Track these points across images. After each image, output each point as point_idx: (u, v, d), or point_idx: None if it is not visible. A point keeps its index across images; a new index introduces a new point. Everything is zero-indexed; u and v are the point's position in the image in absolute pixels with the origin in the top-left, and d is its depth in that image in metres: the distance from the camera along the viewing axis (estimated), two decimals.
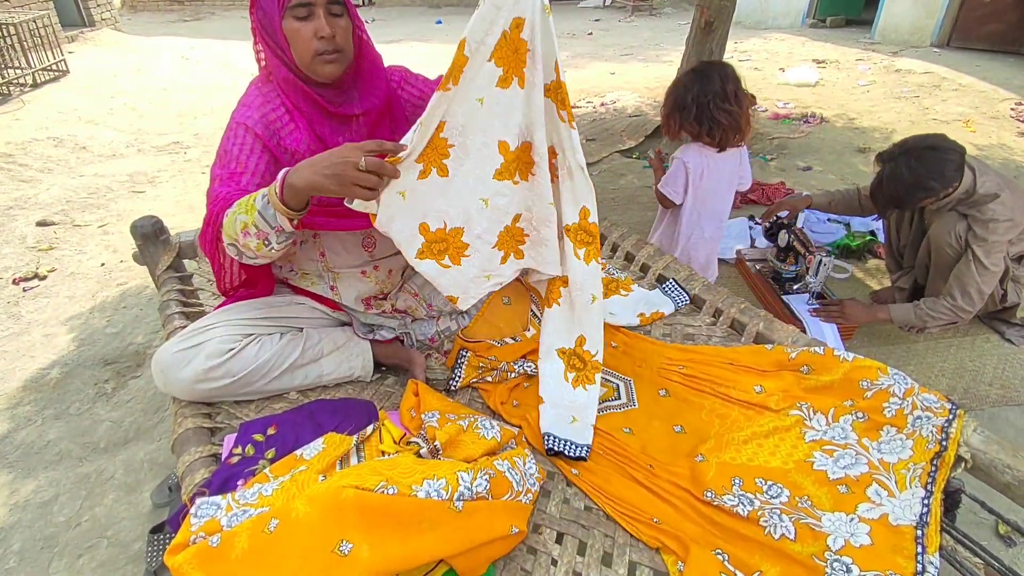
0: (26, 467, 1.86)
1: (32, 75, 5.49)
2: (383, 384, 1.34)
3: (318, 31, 1.09)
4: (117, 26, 8.08)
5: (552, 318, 1.32)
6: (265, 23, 1.12)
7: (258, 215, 0.97)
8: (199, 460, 1.05)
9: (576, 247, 1.26)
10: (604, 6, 11.74)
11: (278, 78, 1.16)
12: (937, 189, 1.86)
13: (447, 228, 1.16)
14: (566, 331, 1.30)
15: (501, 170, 1.17)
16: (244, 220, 0.99)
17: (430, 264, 1.16)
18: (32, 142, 4.40)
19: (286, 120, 1.16)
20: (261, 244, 1.01)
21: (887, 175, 1.91)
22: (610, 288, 1.61)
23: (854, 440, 1.10)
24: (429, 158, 1.10)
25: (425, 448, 1.02)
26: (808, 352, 1.23)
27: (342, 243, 1.29)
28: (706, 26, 3.73)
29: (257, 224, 0.98)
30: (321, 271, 1.30)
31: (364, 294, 1.34)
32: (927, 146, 1.87)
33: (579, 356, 1.29)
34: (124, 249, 3.11)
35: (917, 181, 1.85)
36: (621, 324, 1.48)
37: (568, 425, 1.18)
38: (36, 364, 2.32)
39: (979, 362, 2.14)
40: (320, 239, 1.28)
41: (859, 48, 7.17)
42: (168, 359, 1.14)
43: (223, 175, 1.12)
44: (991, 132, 4.46)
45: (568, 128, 1.17)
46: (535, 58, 1.11)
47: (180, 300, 1.52)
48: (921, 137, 1.94)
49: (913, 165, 1.84)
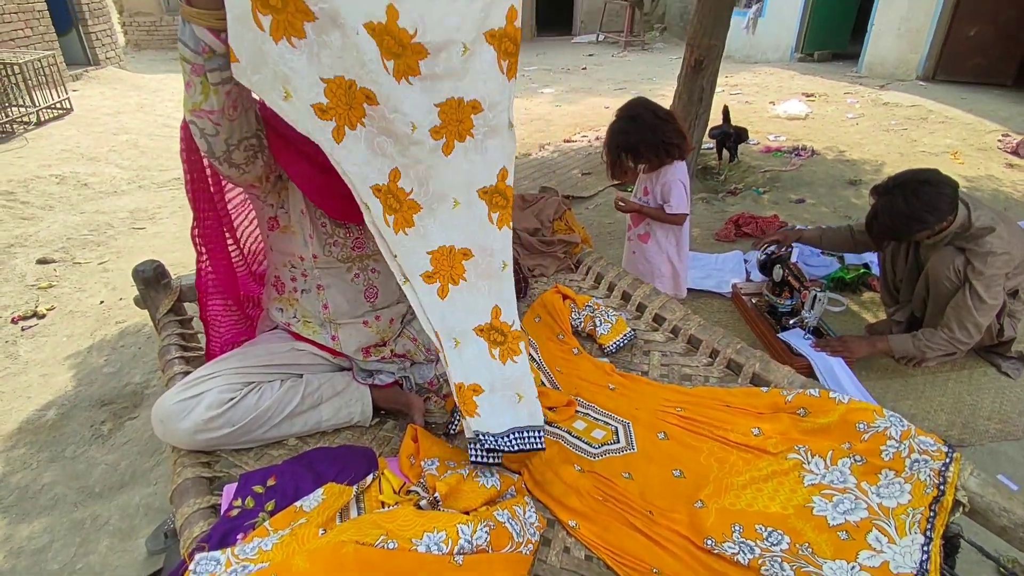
0: (21, 512, 1.84)
1: (36, 113, 5.58)
2: (382, 429, 1.34)
3: None
4: (121, 64, 8.25)
5: (459, 296, 1.10)
6: None
7: (182, 47, 0.88)
8: (198, 512, 1.05)
9: (491, 211, 1.11)
10: (597, 41, 12.05)
11: None
12: (931, 222, 1.90)
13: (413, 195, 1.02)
14: (480, 307, 1.13)
15: None
16: (182, 71, 0.90)
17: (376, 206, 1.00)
18: (34, 179, 4.45)
19: None
20: (203, 85, 0.90)
21: (882, 208, 1.95)
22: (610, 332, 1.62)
23: (853, 484, 1.10)
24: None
25: (425, 499, 1.02)
26: (804, 394, 1.24)
27: (344, 295, 1.31)
28: (696, 64, 3.83)
29: (186, 58, 0.88)
30: (323, 321, 1.32)
31: (365, 343, 1.35)
32: (921, 180, 1.93)
33: (498, 330, 1.14)
34: (123, 286, 3.12)
35: (912, 213, 1.89)
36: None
37: (515, 407, 1.11)
38: (33, 405, 2.31)
39: (977, 396, 2.14)
40: (324, 291, 1.29)
41: (847, 81, 7.35)
42: (168, 410, 1.14)
43: None
44: (979, 164, 4.55)
45: (506, 80, 1.04)
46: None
47: (180, 344, 1.52)
48: (915, 171, 1.99)
49: (908, 198, 1.89)
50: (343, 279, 1.30)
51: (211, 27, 0.85)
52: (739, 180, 4.53)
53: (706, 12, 3.71)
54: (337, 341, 1.32)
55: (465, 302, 1.12)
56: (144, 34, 11.63)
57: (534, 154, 5.24)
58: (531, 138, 5.61)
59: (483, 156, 1.08)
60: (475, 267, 1.12)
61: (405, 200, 1.03)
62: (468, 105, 1.03)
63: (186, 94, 0.93)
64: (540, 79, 8.60)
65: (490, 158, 1.09)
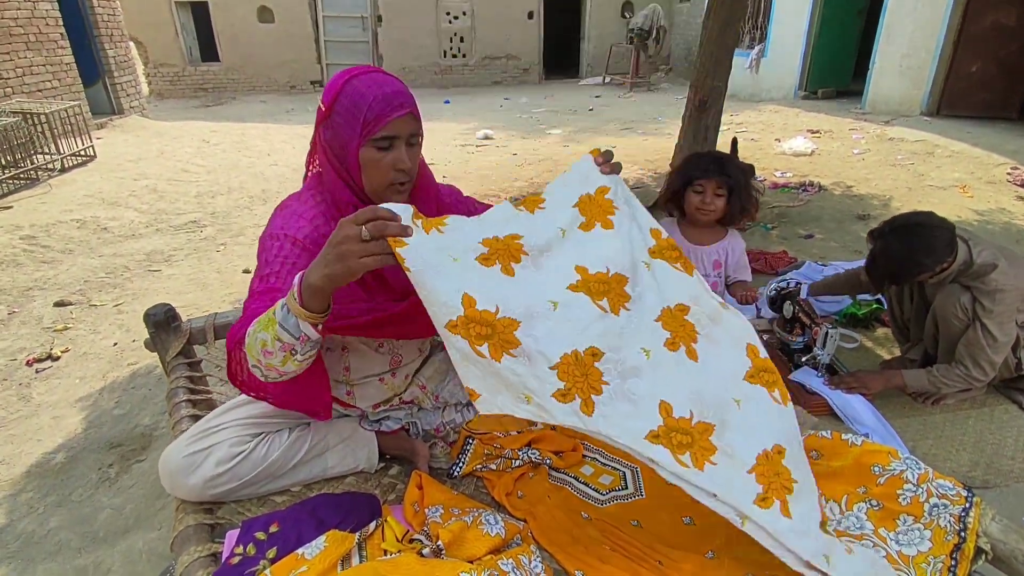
0: (25, 559, 1.82)
1: (61, 160, 5.78)
2: (387, 475, 1.33)
3: (397, 163, 1.05)
4: (144, 113, 8.56)
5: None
6: (335, 145, 1.07)
7: (279, 328, 0.89)
8: (198, 560, 1.04)
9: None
10: (604, 83, 12.34)
11: (337, 198, 1.10)
12: (929, 265, 1.89)
13: (498, 314, 0.92)
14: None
15: (576, 285, 1.02)
16: (264, 338, 0.91)
17: (462, 343, 0.90)
18: (56, 224, 4.57)
19: None
20: (287, 357, 0.92)
21: (879, 252, 1.96)
22: None
23: (870, 530, 1.06)
24: (498, 252, 0.98)
25: (428, 547, 1.00)
26: (816, 436, 1.21)
27: (367, 361, 1.29)
28: (700, 105, 3.90)
29: (280, 337, 0.90)
30: (341, 380, 1.30)
31: (378, 399, 1.35)
32: (915, 223, 1.93)
33: (677, 430, 0.95)
34: (137, 329, 3.16)
35: (909, 256, 1.89)
36: None
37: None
38: (42, 448, 2.31)
39: (999, 434, 2.08)
40: (347, 355, 1.27)
41: (851, 118, 7.43)
42: (176, 464, 1.13)
43: (261, 289, 1.02)
44: (989, 197, 4.54)
45: (689, 277, 1.13)
46: (622, 215, 1.12)
47: (188, 387, 1.53)
48: (909, 215, 2.00)
49: (903, 242, 1.89)
50: (370, 347, 1.28)
51: (314, 323, 0.90)
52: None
53: (709, 54, 3.81)
54: (352, 396, 1.31)
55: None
56: (168, 84, 12.12)
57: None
58: (540, 178, 5.70)
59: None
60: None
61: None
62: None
63: (258, 350, 0.93)
64: (548, 120, 8.79)
65: None
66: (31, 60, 6.50)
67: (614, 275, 1.06)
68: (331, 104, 1.06)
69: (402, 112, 1.04)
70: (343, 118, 1.05)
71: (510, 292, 0.95)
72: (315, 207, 1.11)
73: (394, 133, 1.04)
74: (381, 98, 1.03)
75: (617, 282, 1.06)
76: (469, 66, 13.15)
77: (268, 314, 0.92)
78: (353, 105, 1.04)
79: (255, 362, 0.95)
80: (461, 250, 0.96)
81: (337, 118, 1.06)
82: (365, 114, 1.02)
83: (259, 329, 0.92)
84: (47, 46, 6.69)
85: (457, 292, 0.91)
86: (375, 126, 1.03)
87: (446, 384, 1.43)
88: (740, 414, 0.99)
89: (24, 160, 5.41)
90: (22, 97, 6.31)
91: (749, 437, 0.97)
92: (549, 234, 1.04)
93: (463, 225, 0.99)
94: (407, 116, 1.05)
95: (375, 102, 1.02)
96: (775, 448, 0.98)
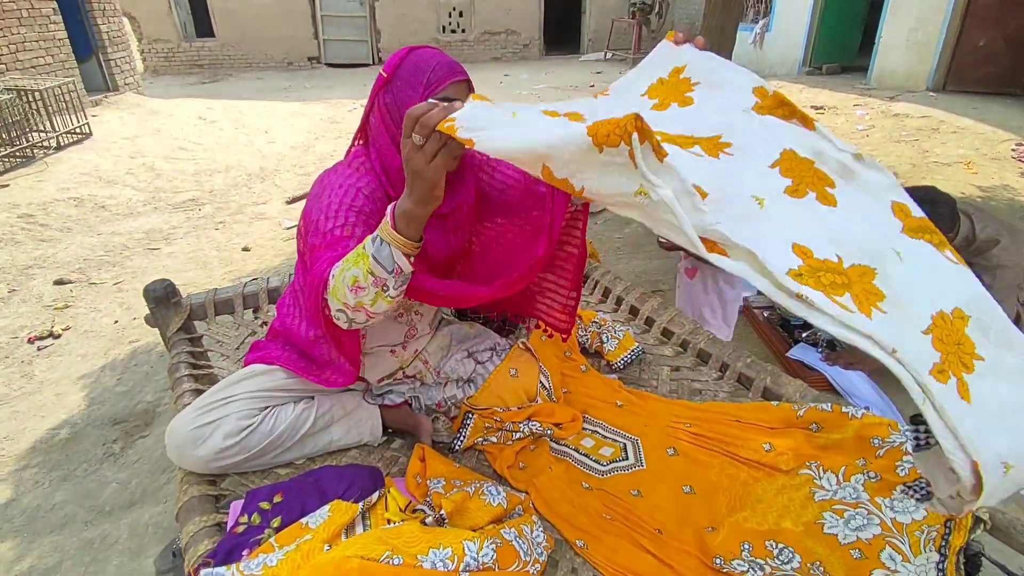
0: (32, 532, 1.85)
1: (56, 138, 5.72)
2: (389, 448, 1.34)
3: None
4: (139, 90, 8.45)
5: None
6: (393, 108, 1.09)
7: (372, 260, 0.91)
8: (203, 530, 1.05)
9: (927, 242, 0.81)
10: (605, 59, 12.16)
11: (388, 165, 1.11)
12: None
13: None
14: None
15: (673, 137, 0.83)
16: (355, 274, 0.92)
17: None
18: (53, 202, 4.55)
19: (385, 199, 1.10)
20: (379, 294, 0.93)
21: None
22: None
23: (866, 499, 1.07)
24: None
25: (431, 516, 1.01)
26: (816, 409, 1.21)
27: (384, 330, 1.29)
28: None
29: (373, 271, 0.91)
30: None
31: (385, 371, 1.36)
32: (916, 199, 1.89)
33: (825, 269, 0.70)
34: (137, 307, 3.16)
35: None
36: None
37: None
38: (46, 424, 2.33)
39: None
40: None
41: (856, 94, 7.34)
42: (184, 435, 1.14)
43: (328, 242, 1.02)
44: (993, 173, 4.50)
45: (809, 132, 0.89)
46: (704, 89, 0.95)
47: (189, 362, 1.54)
48: (910, 189, 1.95)
49: None
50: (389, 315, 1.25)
51: (408, 253, 0.92)
52: None
53: (713, 28, 3.75)
54: (362, 367, 1.31)
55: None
56: (162, 60, 11.94)
57: None
58: None
59: None
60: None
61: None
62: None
63: (346, 290, 0.94)
64: (548, 97, 8.69)
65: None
66: (24, 36, 6.39)
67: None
68: (394, 70, 1.10)
69: (463, 77, 1.10)
70: (405, 81, 1.09)
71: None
72: (367, 173, 1.12)
73: (454, 96, 1.06)
74: (445, 64, 1.08)
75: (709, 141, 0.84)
76: (468, 41, 12.95)
77: (358, 250, 0.93)
78: (416, 69, 1.08)
79: (340, 306, 0.96)
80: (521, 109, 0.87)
81: (399, 82, 1.09)
82: (428, 76, 1.07)
83: (348, 267, 0.93)
84: (39, 21, 6.58)
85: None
86: (437, 86, 1.07)
87: (448, 360, 1.43)
88: (903, 266, 0.74)
89: (19, 138, 5.36)
90: (16, 74, 6.23)
91: (920, 293, 0.73)
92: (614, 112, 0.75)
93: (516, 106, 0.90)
94: (466, 83, 1.10)
95: (439, 67, 1.08)
96: (955, 312, 0.73)
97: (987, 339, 0.74)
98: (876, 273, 0.72)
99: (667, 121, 0.86)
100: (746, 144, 0.85)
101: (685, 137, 0.84)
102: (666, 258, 3.39)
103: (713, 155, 0.82)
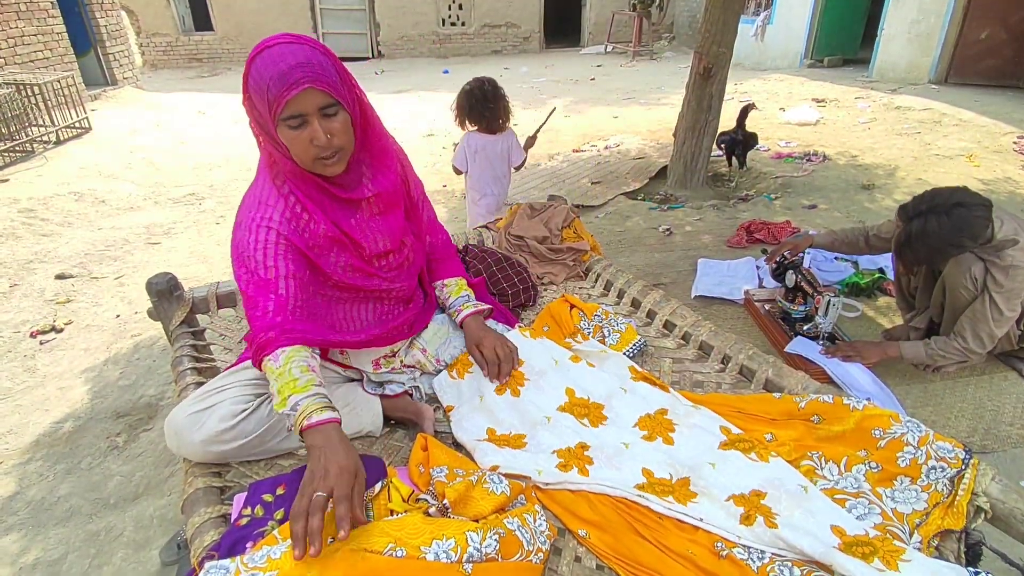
0: (36, 524, 1.86)
1: (56, 133, 5.71)
2: (392, 438, 1.34)
3: (313, 139, 1.03)
4: (138, 84, 8.43)
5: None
6: (261, 123, 1.07)
7: (282, 413, 1.02)
8: (208, 522, 1.05)
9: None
10: (606, 52, 12.11)
11: (284, 170, 1.13)
12: (969, 247, 1.84)
13: (511, 434, 1.28)
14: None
15: (565, 407, 1.33)
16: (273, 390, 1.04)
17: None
18: (53, 197, 4.54)
19: (302, 213, 1.15)
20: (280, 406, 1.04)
21: (915, 233, 1.87)
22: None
23: (867, 489, 1.08)
24: (506, 383, 1.36)
25: (434, 506, 1.02)
26: (817, 401, 1.22)
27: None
28: (705, 72, 3.83)
29: (279, 408, 1.03)
30: None
31: (374, 356, 1.36)
32: (955, 203, 1.83)
33: (659, 484, 1.17)
34: (139, 301, 3.17)
35: (949, 240, 1.83)
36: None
37: None
38: (50, 417, 2.34)
39: (998, 401, 2.10)
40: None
41: (857, 87, 7.31)
42: (181, 422, 1.14)
43: (255, 286, 1.09)
44: (995, 166, 4.49)
45: (663, 392, 1.36)
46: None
47: (192, 356, 1.54)
48: (946, 193, 1.89)
49: (943, 223, 1.81)
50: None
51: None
52: (750, 186, 4.51)
53: (714, 20, 3.73)
54: (345, 355, 1.32)
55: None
56: (161, 54, 11.91)
57: (544, 164, 5.27)
58: (540, 148, 5.63)
59: None
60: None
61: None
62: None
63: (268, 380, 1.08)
64: (549, 90, 8.66)
65: None
66: (22, 30, 6.38)
67: (595, 403, 1.35)
68: (245, 87, 1.06)
69: (298, 89, 0.98)
70: (254, 102, 1.04)
71: (517, 414, 1.33)
72: (275, 188, 1.14)
73: (299, 111, 1.00)
74: (277, 77, 0.98)
75: (596, 408, 1.34)
76: (468, 34, 12.90)
77: (285, 390, 1.02)
78: (257, 87, 1.01)
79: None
80: (484, 390, 1.37)
81: (250, 102, 1.06)
82: (267, 96, 0.99)
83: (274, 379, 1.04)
84: (37, 15, 6.56)
85: (482, 428, 1.31)
86: (277, 107, 1.00)
87: (447, 347, 1.43)
88: (715, 472, 1.14)
89: (19, 132, 5.35)
90: (14, 68, 6.21)
91: (725, 482, 1.11)
92: (544, 362, 1.45)
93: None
94: (307, 91, 0.99)
95: (272, 82, 0.98)
96: (752, 492, 1.09)
97: (780, 504, 1.07)
98: (690, 480, 1.14)
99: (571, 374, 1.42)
100: (620, 414, 1.34)
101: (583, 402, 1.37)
102: (667, 252, 3.38)
103: (595, 426, 1.32)
